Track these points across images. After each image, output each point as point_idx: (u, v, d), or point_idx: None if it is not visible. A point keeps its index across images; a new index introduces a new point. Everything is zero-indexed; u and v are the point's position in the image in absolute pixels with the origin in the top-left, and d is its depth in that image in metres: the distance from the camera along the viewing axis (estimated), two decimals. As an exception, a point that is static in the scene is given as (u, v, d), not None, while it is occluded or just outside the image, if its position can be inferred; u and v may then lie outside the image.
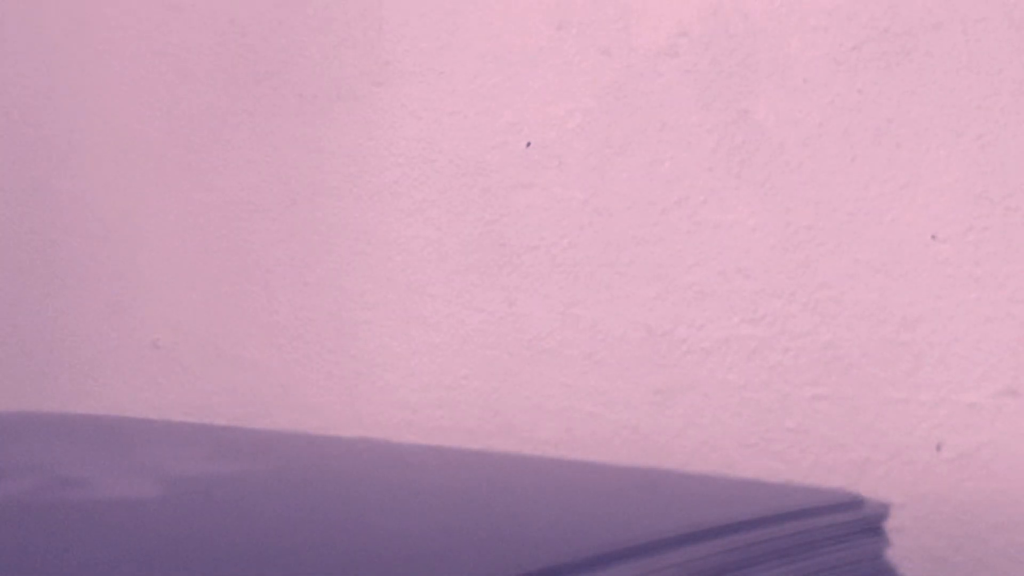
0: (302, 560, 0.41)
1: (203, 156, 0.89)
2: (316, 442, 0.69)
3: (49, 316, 0.96)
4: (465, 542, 0.44)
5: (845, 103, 0.65)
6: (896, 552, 0.54)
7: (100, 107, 0.94)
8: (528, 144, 0.74)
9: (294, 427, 0.82)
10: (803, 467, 0.65)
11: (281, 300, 0.84)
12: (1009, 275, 0.60)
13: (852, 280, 0.64)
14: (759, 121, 0.67)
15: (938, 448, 0.62)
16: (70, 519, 0.46)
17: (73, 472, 0.54)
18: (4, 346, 0.99)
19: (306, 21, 0.84)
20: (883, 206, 0.64)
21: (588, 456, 0.71)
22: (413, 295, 0.79)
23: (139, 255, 0.91)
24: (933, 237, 0.62)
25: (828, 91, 0.65)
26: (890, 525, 0.53)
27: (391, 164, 0.80)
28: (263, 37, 0.86)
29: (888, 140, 0.63)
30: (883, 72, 0.63)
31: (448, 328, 0.77)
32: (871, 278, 0.64)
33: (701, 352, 0.69)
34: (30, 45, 0.98)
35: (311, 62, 0.83)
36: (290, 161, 0.84)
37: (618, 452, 0.71)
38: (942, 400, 0.62)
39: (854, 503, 0.52)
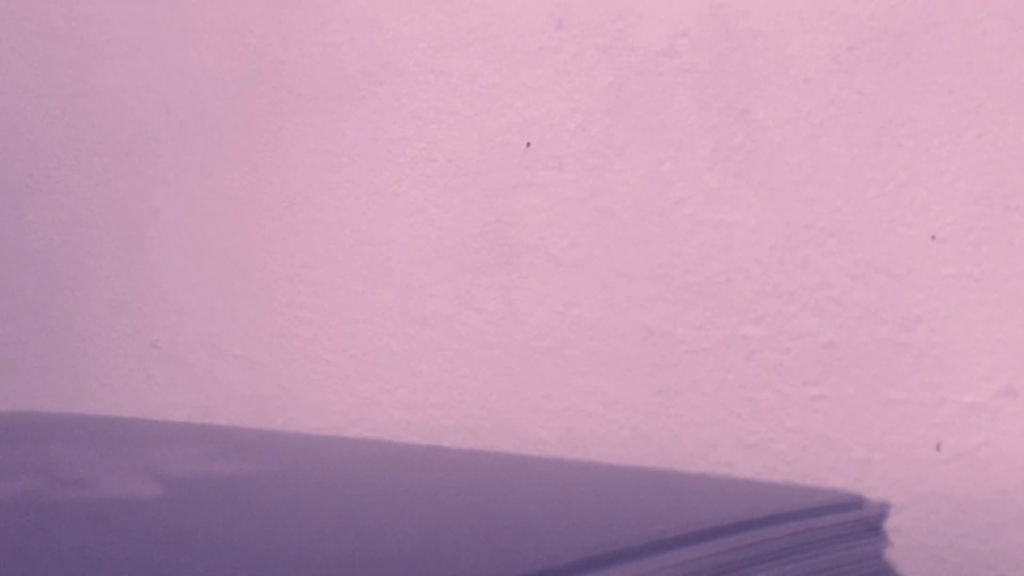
0: (302, 560, 0.41)
1: (203, 156, 0.89)
2: (316, 442, 0.69)
3: (49, 316, 0.96)
4: (465, 542, 0.44)
5: (845, 103, 0.65)
6: (896, 552, 0.54)
7: (100, 107, 0.94)
8: (528, 144, 0.75)
9: (294, 427, 0.82)
10: (803, 467, 0.65)
11: (281, 300, 0.84)
12: (1009, 275, 0.60)
13: (852, 280, 0.64)
14: (759, 121, 0.67)
15: (938, 448, 0.62)
16: (70, 519, 0.46)
17: (73, 472, 0.54)
18: (4, 346, 0.99)
19: (306, 21, 0.84)
20: (883, 206, 0.64)
21: (588, 456, 0.71)
22: (413, 295, 0.79)
23: (139, 255, 0.91)
24: (933, 237, 0.62)
25: (828, 91, 0.65)
26: (890, 525, 0.53)
27: (391, 164, 0.80)
28: (263, 37, 0.86)
29: (888, 140, 0.63)
30: (883, 72, 0.63)
31: (448, 328, 0.77)
32: (871, 278, 0.64)
33: (701, 352, 0.69)
34: (30, 45, 0.98)
35: (311, 62, 0.83)
36: (290, 161, 0.84)
37: (618, 452, 0.71)
38: (942, 400, 0.62)
39: (854, 503, 0.52)
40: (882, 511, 0.52)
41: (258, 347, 0.85)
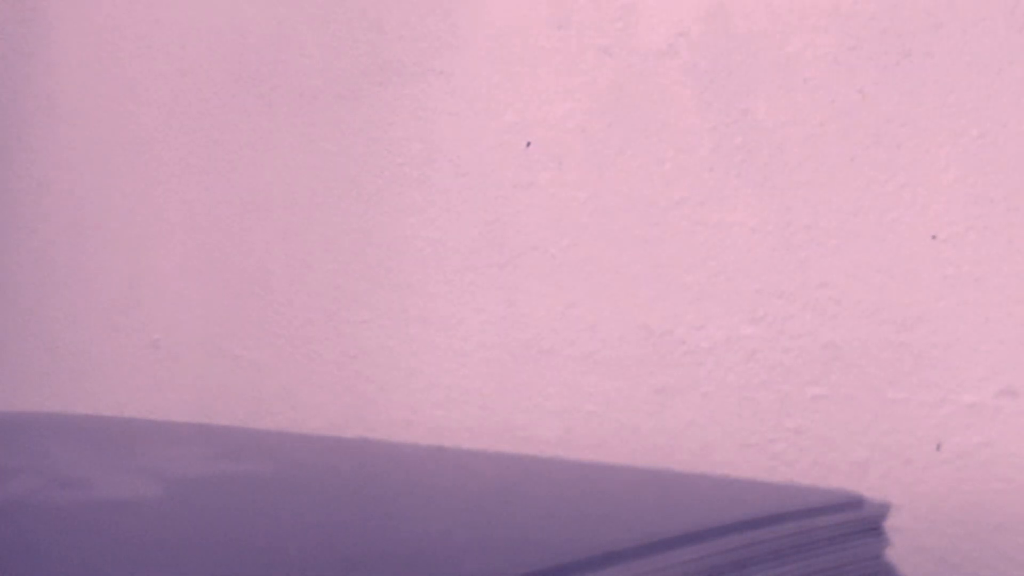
0: (302, 560, 0.41)
1: (203, 156, 0.89)
2: (316, 442, 0.69)
3: (49, 316, 0.96)
4: (465, 542, 0.44)
5: (845, 103, 0.65)
6: (896, 552, 0.54)
7: (100, 107, 0.94)
8: (528, 144, 0.74)
9: (294, 427, 0.82)
10: (803, 467, 0.65)
11: (281, 300, 0.84)
12: (1009, 275, 0.60)
13: (852, 280, 0.64)
14: (759, 121, 0.67)
15: (938, 448, 0.62)
16: (70, 519, 0.46)
17: (73, 472, 0.54)
18: (4, 346, 0.99)
19: (306, 21, 0.84)
20: (883, 206, 0.64)
21: (588, 456, 0.71)
22: (413, 295, 0.79)
23: (139, 255, 0.91)
24: (933, 237, 0.62)
25: (828, 91, 0.65)
26: (890, 525, 0.53)
27: (391, 164, 0.80)
28: (263, 37, 0.86)
29: (888, 140, 0.63)
30: (883, 72, 0.63)
31: (448, 328, 0.77)
32: (871, 278, 0.64)
33: (701, 352, 0.69)
34: (30, 45, 0.98)
35: (311, 62, 0.83)
36: (290, 161, 0.84)
37: (618, 452, 0.71)
38: (942, 400, 0.62)
39: (854, 503, 0.52)
40: (882, 511, 0.52)
41: (258, 347, 0.85)
